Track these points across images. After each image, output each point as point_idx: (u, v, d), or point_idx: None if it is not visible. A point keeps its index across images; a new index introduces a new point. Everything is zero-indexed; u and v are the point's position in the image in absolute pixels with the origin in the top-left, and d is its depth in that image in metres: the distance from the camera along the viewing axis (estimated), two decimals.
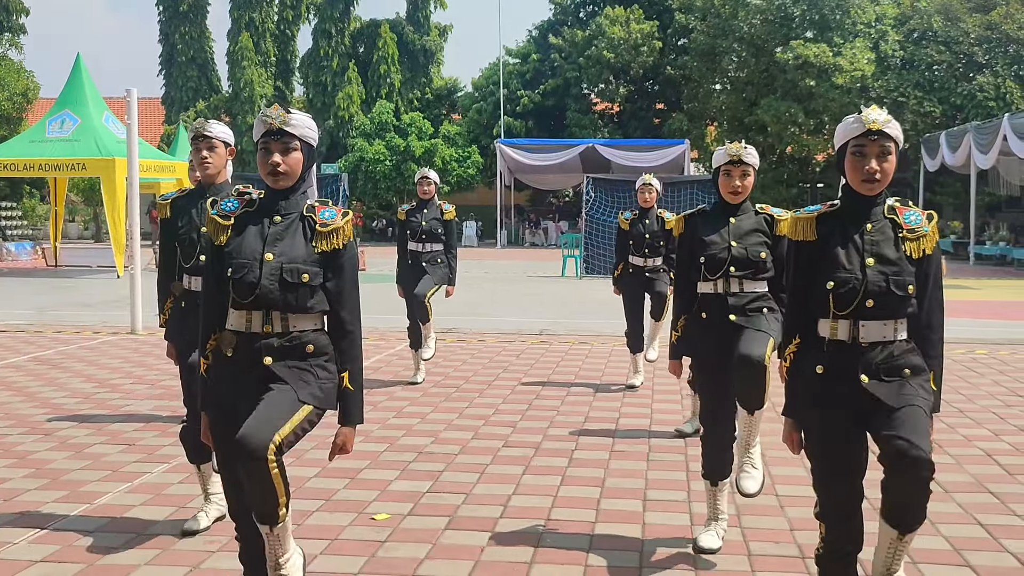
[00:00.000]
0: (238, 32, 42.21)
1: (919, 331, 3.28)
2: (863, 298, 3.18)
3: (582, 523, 5.06)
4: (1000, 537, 4.86)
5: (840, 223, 3.28)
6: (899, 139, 3.23)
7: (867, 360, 3.21)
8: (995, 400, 8.27)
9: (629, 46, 36.70)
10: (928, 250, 3.25)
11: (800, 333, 3.35)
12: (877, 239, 3.23)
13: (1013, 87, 32.25)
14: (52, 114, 22.29)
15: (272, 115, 3.33)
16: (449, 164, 37.24)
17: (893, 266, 3.20)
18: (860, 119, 3.19)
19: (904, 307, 3.23)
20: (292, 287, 3.30)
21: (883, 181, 3.21)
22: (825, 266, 3.24)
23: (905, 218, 3.26)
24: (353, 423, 3.43)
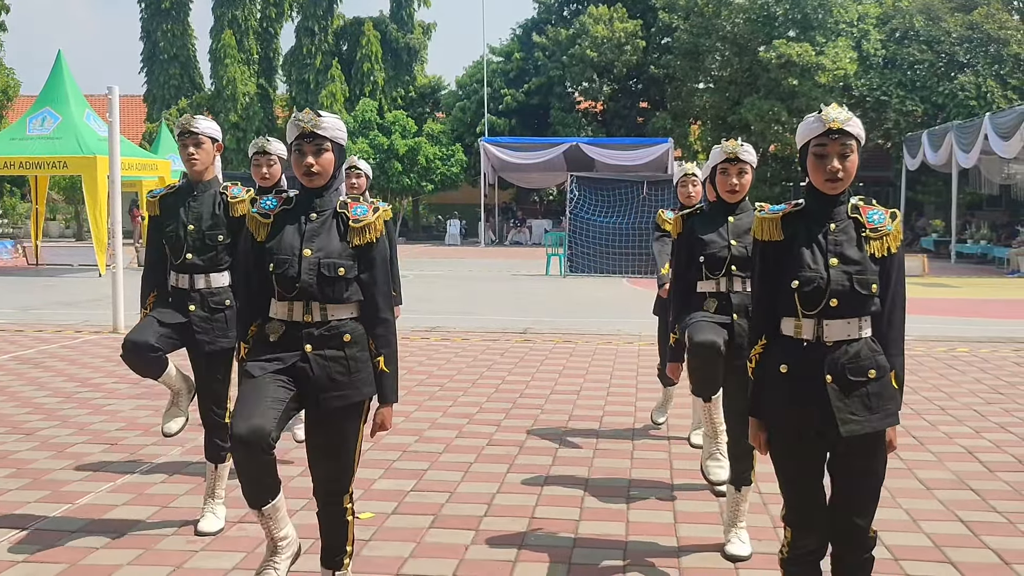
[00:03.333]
0: (221, 29, 42.03)
1: (881, 330, 3.30)
2: (827, 297, 3.18)
3: (566, 521, 5.07)
4: (981, 534, 4.90)
5: (804, 223, 3.28)
6: (860, 137, 3.22)
7: (832, 360, 3.21)
8: (976, 398, 8.32)
9: (613, 45, 36.74)
10: (892, 249, 3.27)
11: (766, 333, 3.34)
12: (840, 239, 3.24)
13: (994, 86, 32.44)
14: (33, 112, 22.14)
15: (304, 119, 3.54)
16: (433, 163, 37.18)
17: (856, 265, 3.21)
18: (820, 118, 3.19)
19: (867, 306, 3.24)
20: (329, 280, 3.54)
21: (845, 180, 3.21)
22: (790, 266, 3.24)
23: (868, 217, 3.27)
24: (390, 402, 3.69)
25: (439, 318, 13.41)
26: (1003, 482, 5.82)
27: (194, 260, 4.78)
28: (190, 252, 4.77)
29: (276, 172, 5.65)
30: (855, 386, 3.21)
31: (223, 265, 4.85)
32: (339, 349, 3.57)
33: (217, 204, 4.85)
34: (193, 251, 4.77)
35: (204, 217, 4.81)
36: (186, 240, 4.77)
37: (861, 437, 3.20)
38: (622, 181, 23.72)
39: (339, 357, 3.56)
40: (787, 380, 3.25)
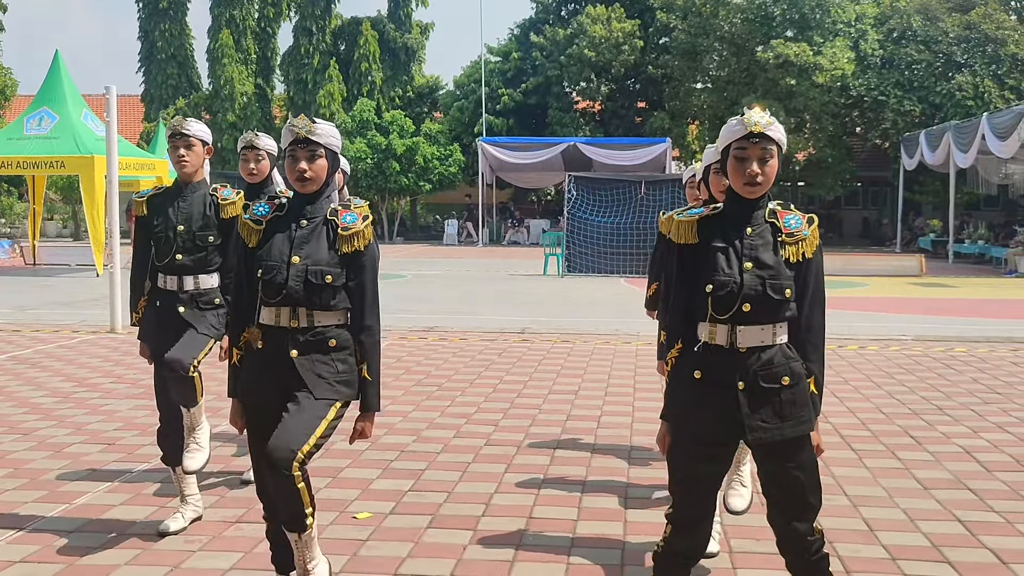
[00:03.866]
0: (218, 29, 42.00)
1: (799, 335, 3.25)
2: (740, 302, 3.15)
3: (564, 521, 5.07)
4: (979, 533, 4.90)
5: (721, 227, 3.24)
6: (781, 142, 3.19)
7: (745, 366, 3.17)
8: (973, 397, 8.33)
9: (611, 45, 36.73)
10: (808, 254, 3.21)
11: (682, 338, 3.30)
12: (756, 243, 3.20)
13: (992, 86, 32.46)
14: (30, 111, 22.11)
15: (299, 125, 3.57)
16: (431, 162, 37.17)
17: (770, 270, 3.16)
18: (742, 121, 3.16)
19: (781, 311, 3.19)
20: (316, 287, 3.57)
21: (764, 184, 3.17)
22: (704, 269, 3.20)
23: (785, 222, 3.23)
24: (372, 411, 3.70)
25: (437, 318, 13.41)
26: (1001, 482, 5.82)
27: (184, 261, 4.77)
28: (180, 253, 4.76)
29: (264, 168, 5.48)
30: (767, 393, 3.18)
31: (213, 266, 4.84)
32: (324, 354, 3.61)
33: (207, 205, 4.84)
34: (183, 252, 4.76)
35: (194, 218, 4.80)
36: (175, 241, 4.76)
37: (776, 444, 3.19)
38: (620, 181, 23.71)
39: (325, 361, 3.61)
40: (700, 385, 3.22)
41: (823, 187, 36.02)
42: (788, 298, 3.18)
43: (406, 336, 11.47)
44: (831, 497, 5.49)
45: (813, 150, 35.54)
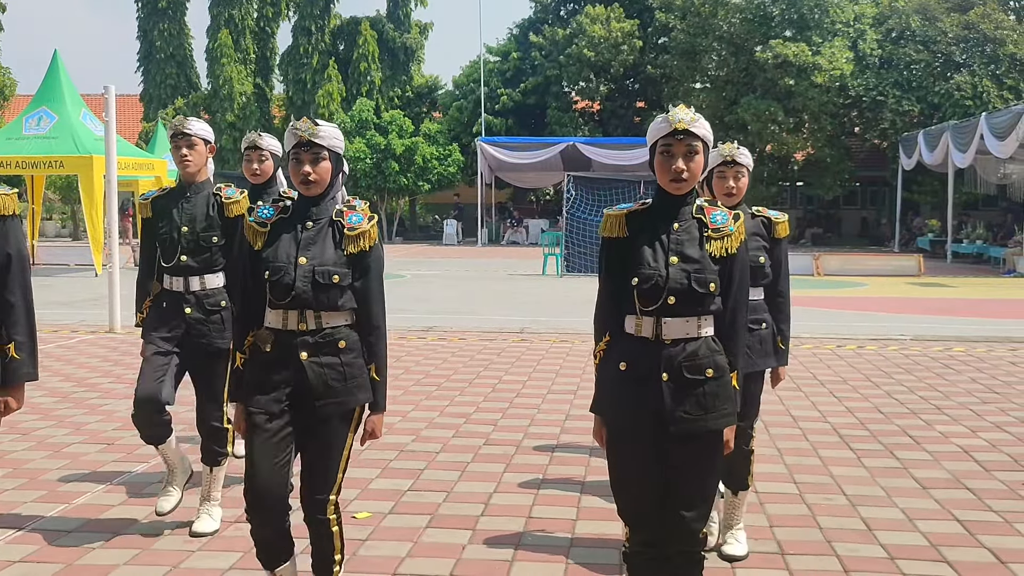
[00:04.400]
0: (217, 29, 41.97)
1: (723, 329, 3.31)
2: (665, 295, 3.21)
3: (563, 521, 5.08)
4: (977, 533, 4.91)
5: (650, 221, 3.31)
6: (707, 138, 3.25)
7: (669, 358, 3.23)
8: (972, 397, 8.34)
9: (610, 44, 36.73)
10: (732, 249, 3.28)
11: (610, 330, 3.36)
12: (682, 238, 3.27)
13: (990, 86, 32.47)
14: (29, 111, 22.09)
15: (302, 127, 3.57)
16: (430, 162, 37.16)
17: (695, 264, 3.23)
18: (667, 118, 3.23)
19: (706, 304, 3.25)
20: (324, 288, 3.55)
21: (690, 180, 3.24)
22: (632, 263, 3.27)
23: (712, 218, 3.31)
24: (381, 410, 3.70)
25: (436, 318, 13.41)
26: (999, 481, 5.83)
27: (188, 262, 4.76)
28: (184, 254, 4.75)
29: (268, 168, 5.49)
30: (691, 385, 3.23)
31: (218, 266, 4.83)
32: (334, 356, 3.58)
33: (211, 205, 4.83)
34: (187, 253, 4.75)
35: (198, 219, 4.79)
36: (180, 242, 4.75)
37: (694, 436, 3.24)
38: (619, 181, 23.72)
39: (335, 364, 3.57)
40: (625, 377, 3.27)
41: (822, 187, 36.03)
42: (712, 292, 3.24)
43: (405, 336, 11.47)
44: (830, 496, 5.51)
45: (812, 150, 35.56)
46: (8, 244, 3.50)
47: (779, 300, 4.65)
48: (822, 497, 5.51)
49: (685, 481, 3.28)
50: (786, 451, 6.51)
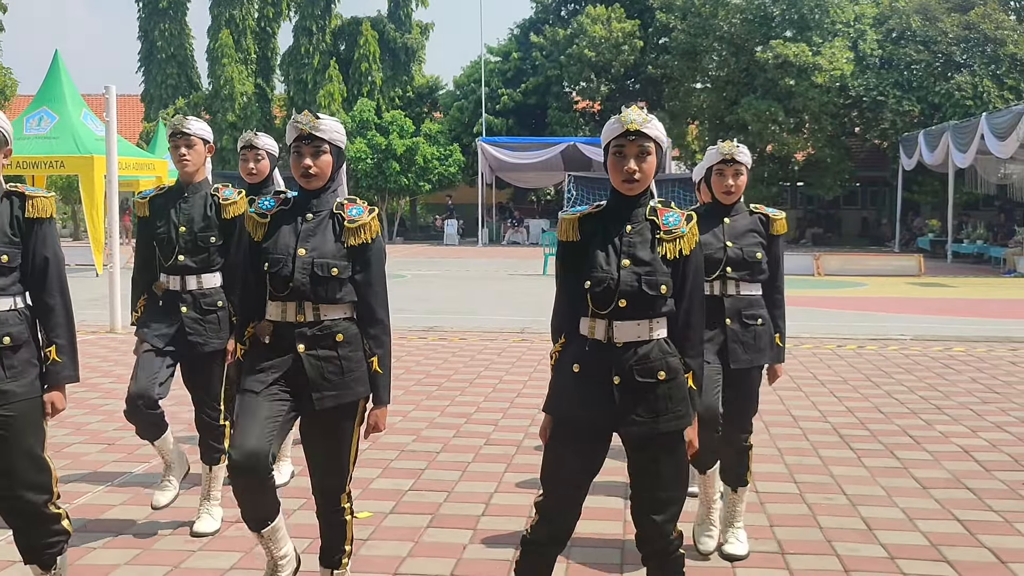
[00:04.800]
0: (218, 29, 41.99)
1: (677, 331, 3.30)
2: (617, 298, 3.20)
3: None
4: (977, 533, 4.91)
5: (602, 223, 3.31)
6: (660, 139, 3.24)
7: (621, 360, 3.23)
8: (972, 397, 8.34)
9: (610, 45, 36.74)
10: (685, 251, 3.26)
11: (566, 332, 3.38)
12: (635, 240, 3.26)
13: (991, 86, 32.47)
14: (30, 111, 22.10)
15: (303, 120, 3.57)
16: (430, 162, 37.17)
17: (647, 267, 3.22)
18: (620, 119, 3.23)
19: (658, 307, 3.24)
20: (323, 280, 3.54)
21: (642, 181, 3.24)
22: (585, 266, 3.26)
23: (664, 219, 3.29)
24: (383, 404, 3.69)
25: (436, 318, 13.41)
26: (999, 481, 5.83)
27: (186, 262, 4.75)
28: (182, 254, 4.75)
29: (264, 168, 5.48)
30: (643, 388, 3.23)
31: (215, 266, 4.83)
32: (331, 349, 3.57)
33: (209, 206, 4.82)
34: (185, 252, 4.75)
35: (196, 219, 4.79)
36: (178, 242, 4.75)
37: (647, 439, 3.25)
38: None
39: (332, 357, 3.57)
40: (578, 379, 3.28)
41: (822, 187, 36.04)
42: (664, 294, 3.23)
43: (406, 336, 11.48)
44: (830, 496, 5.51)
45: (812, 150, 35.57)
46: (46, 247, 3.54)
47: (776, 297, 4.66)
48: (822, 497, 5.51)
49: (648, 485, 3.28)
50: (786, 451, 6.51)
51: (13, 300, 3.48)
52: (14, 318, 3.48)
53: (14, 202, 3.52)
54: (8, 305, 3.47)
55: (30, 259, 3.51)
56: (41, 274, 3.53)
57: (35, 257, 3.51)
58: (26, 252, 3.50)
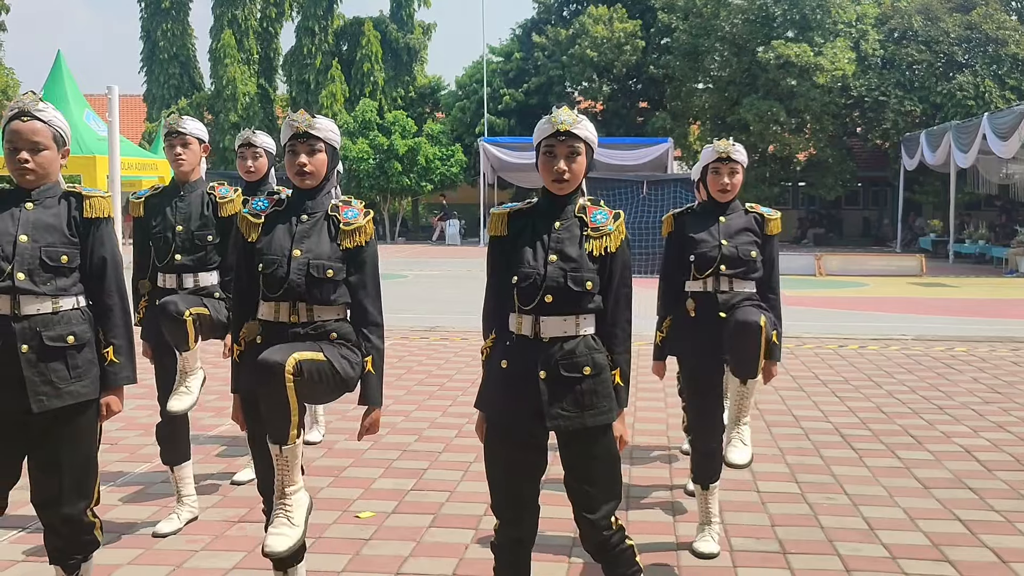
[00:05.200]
0: (220, 29, 41.98)
1: (605, 328, 3.35)
2: (542, 293, 3.26)
3: (565, 521, 5.07)
4: (979, 532, 4.91)
5: (532, 220, 3.39)
6: (589, 140, 3.31)
7: (547, 355, 3.27)
8: (974, 397, 8.34)
9: (612, 45, 36.72)
10: (611, 248, 3.32)
11: (496, 328, 3.44)
12: (563, 237, 3.32)
13: (992, 86, 32.44)
14: None
15: (298, 119, 3.58)
16: (432, 163, 37.18)
17: (573, 263, 3.28)
18: (550, 120, 3.29)
19: (584, 303, 3.29)
20: (318, 281, 3.53)
21: (572, 181, 3.31)
22: (513, 262, 3.33)
23: (592, 217, 3.36)
24: (377, 405, 3.65)
25: (438, 318, 13.42)
26: (1001, 481, 5.84)
27: (183, 260, 4.76)
28: (179, 253, 4.76)
29: (262, 166, 5.50)
30: (568, 382, 3.27)
31: (212, 264, 4.84)
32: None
33: (205, 204, 4.84)
34: (182, 251, 4.76)
35: (193, 217, 4.80)
36: (175, 241, 4.76)
37: (575, 433, 3.29)
38: (622, 181, 23.73)
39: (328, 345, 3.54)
40: (506, 375, 3.33)
41: (824, 187, 36.00)
42: (589, 290, 3.28)
43: (408, 336, 11.48)
44: (832, 496, 5.51)
45: (814, 150, 35.53)
46: (103, 247, 3.54)
47: (771, 296, 4.67)
48: (824, 496, 5.52)
49: (579, 480, 3.34)
50: (788, 451, 6.51)
51: (75, 299, 3.48)
52: (77, 317, 3.47)
53: (71, 202, 3.50)
54: (71, 304, 3.46)
55: (88, 259, 3.50)
56: (99, 274, 3.53)
57: (93, 257, 3.51)
58: (84, 252, 3.49)
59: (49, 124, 3.44)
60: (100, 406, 3.56)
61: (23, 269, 3.35)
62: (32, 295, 3.37)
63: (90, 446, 3.54)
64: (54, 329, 3.40)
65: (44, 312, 3.39)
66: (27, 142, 3.39)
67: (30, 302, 3.37)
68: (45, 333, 3.38)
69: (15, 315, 3.35)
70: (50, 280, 3.39)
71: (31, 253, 3.37)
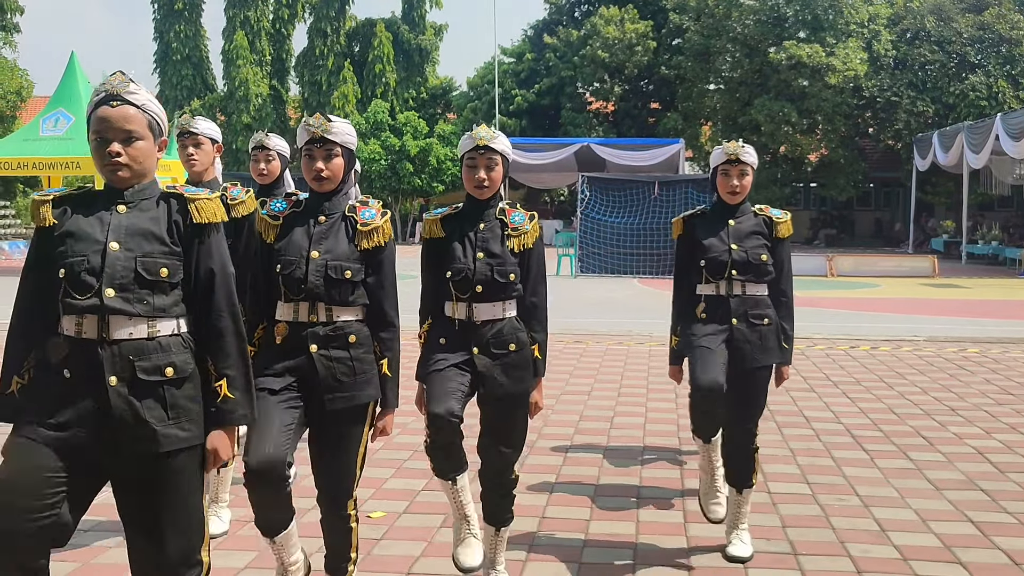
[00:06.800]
0: (233, 30, 42.11)
1: (525, 311, 3.96)
2: (474, 285, 3.84)
3: (577, 521, 5.09)
4: (991, 534, 4.90)
5: (460, 223, 3.94)
6: (505, 152, 3.89)
7: (479, 335, 3.88)
8: (986, 398, 8.32)
9: (624, 46, 36.73)
10: (528, 244, 3.93)
11: (431, 315, 3.99)
12: (487, 236, 3.89)
13: (1005, 87, 32.34)
14: (46, 112, 22.26)
15: (314, 123, 3.59)
16: (444, 163, 37.23)
17: (497, 259, 3.86)
18: (472, 136, 3.87)
19: (508, 291, 3.88)
20: (336, 283, 3.54)
21: (491, 187, 3.89)
22: (447, 259, 3.88)
23: (512, 219, 3.94)
24: (392, 407, 3.73)
25: None
26: (1013, 483, 5.82)
27: None
28: None
29: (275, 168, 5.47)
30: (497, 357, 3.91)
31: None
32: (344, 350, 3.54)
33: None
34: None
35: None
36: None
37: (500, 398, 3.97)
38: (633, 181, 23.72)
39: (344, 358, 3.53)
40: (444, 349, 3.91)
41: (835, 188, 35.94)
42: (512, 281, 3.88)
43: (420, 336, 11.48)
44: (843, 497, 5.51)
45: (825, 151, 35.47)
46: (212, 258, 2.95)
47: (782, 299, 4.64)
48: (835, 498, 5.51)
49: (494, 438, 4.06)
50: (799, 451, 6.51)
51: (176, 323, 2.88)
52: (177, 345, 2.87)
53: (172, 205, 2.95)
54: (170, 329, 2.87)
55: (193, 273, 2.92)
56: (207, 291, 2.93)
57: (199, 270, 2.93)
58: (187, 265, 2.92)
59: (143, 109, 2.95)
60: (206, 453, 2.95)
61: (113, 284, 2.78)
62: (124, 316, 2.79)
63: (195, 503, 2.92)
64: (150, 359, 2.81)
65: (138, 337, 2.80)
66: (119, 131, 2.87)
67: (121, 324, 2.79)
68: (139, 363, 2.79)
69: (103, 340, 2.77)
70: (146, 298, 2.81)
71: (124, 265, 2.80)
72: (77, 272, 2.77)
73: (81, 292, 2.77)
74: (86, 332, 2.77)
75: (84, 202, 2.91)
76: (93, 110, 2.92)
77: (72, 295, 2.77)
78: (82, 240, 2.81)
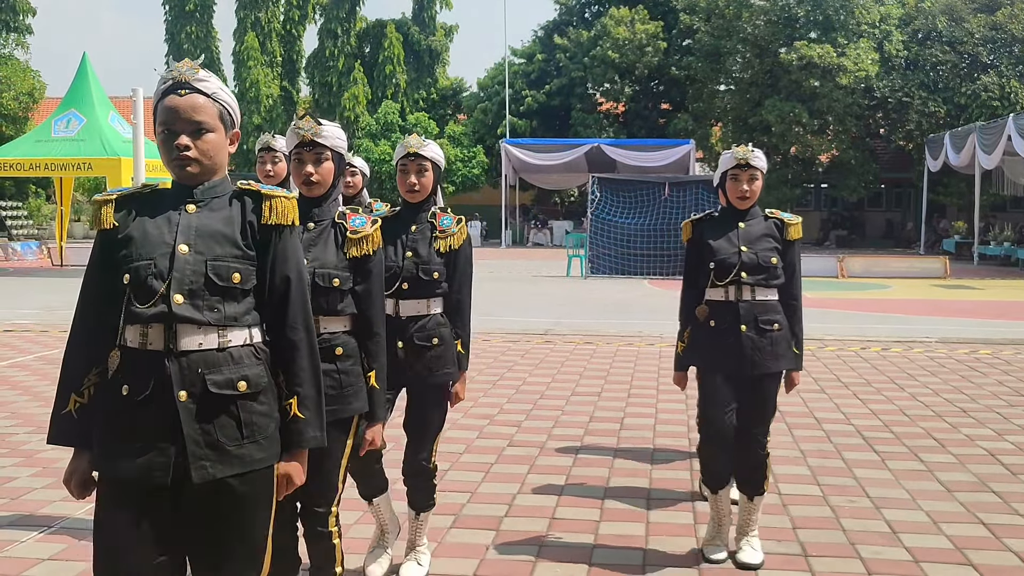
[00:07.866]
0: (244, 32, 42.26)
1: (451, 308, 4.21)
2: (400, 282, 4.09)
3: (586, 522, 5.09)
4: (1002, 536, 4.88)
5: (395, 225, 4.16)
6: (435, 159, 4.17)
7: (404, 330, 4.09)
8: (998, 400, 8.28)
9: (634, 46, 36.71)
10: (455, 246, 4.17)
11: None
12: (417, 238, 4.15)
13: (1018, 87, 32.22)
14: (58, 114, 22.35)
15: (304, 127, 3.57)
16: (454, 164, 37.27)
17: (423, 258, 4.11)
18: (403, 144, 4.16)
19: (433, 289, 4.13)
20: (323, 291, 3.44)
21: (422, 191, 4.17)
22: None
23: (441, 222, 4.19)
24: (379, 420, 3.62)
25: None
26: None
27: None
28: None
29: (281, 170, 5.46)
30: (421, 351, 4.11)
31: None
32: (330, 363, 3.41)
33: None
34: None
35: None
36: None
37: (423, 389, 4.20)
38: (644, 182, 23.70)
39: (330, 371, 3.39)
40: None
41: (846, 189, 35.86)
42: (437, 279, 4.12)
43: None
44: (854, 498, 5.49)
45: (836, 152, 35.40)
46: (287, 264, 2.71)
47: (792, 303, 4.61)
48: (846, 499, 5.49)
49: (416, 426, 4.30)
50: (810, 453, 6.49)
51: (248, 333, 2.65)
52: (249, 356, 2.64)
53: (247, 203, 2.71)
54: (242, 339, 2.63)
55: (267, 279, 2.69)
56: (281, 300, 2.70)
57: (274, 276, 2.69)
58: (262, 270, 2.68)
59: (214, 98, 2.65)
60: (278, 477, 2.72)
61: (182, 290, 2.55)
62: (193, 324, 2.56)
63: (262, 531, 2.67)
64: (221, 371, 2.57)
65: (208, 348, 2.57)
66: (187, 122, 2.60)
67: (190, 333, 2.55)
68: (210, 376, 2.55)
69: (170, 350, 2.54)
70: (217, 305, 2.59)
71: (193, 269, 2.57)
72: (144, 277, 2.55)
73: (147, 299, 2.55)
74: (152, 343, 2.55)
75: (150, 202, 2.68)
76: (160, 99, 2.64)
77: (137, 303, 2.55)
78: (148, 243, 2.59)
